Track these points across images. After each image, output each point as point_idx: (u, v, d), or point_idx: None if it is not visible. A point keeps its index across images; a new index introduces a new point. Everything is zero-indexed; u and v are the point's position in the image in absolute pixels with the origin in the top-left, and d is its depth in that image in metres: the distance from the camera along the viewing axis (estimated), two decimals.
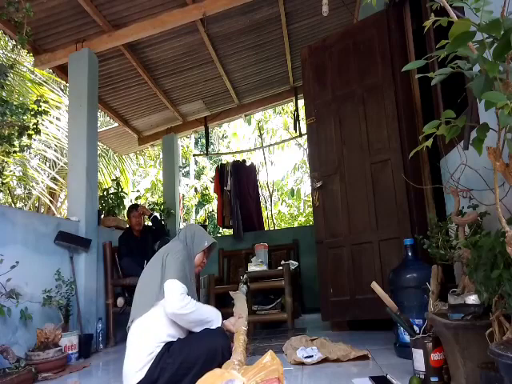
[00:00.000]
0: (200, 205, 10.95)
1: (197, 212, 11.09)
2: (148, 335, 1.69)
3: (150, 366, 1.64)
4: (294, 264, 3.68)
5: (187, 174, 11.57)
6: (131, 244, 3.96)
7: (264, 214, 8.06)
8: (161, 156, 7.62)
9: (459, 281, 1.76)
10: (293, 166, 10.16)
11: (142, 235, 4.13)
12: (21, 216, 3.00)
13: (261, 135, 9.86)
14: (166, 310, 1.69)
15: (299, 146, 10.15)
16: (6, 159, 5.04)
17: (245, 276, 3.44)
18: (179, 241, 2.01)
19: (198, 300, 2.10)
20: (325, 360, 2.23)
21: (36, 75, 6.19)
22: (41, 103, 3.19)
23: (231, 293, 2.57)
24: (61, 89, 6.72)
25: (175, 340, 1.73)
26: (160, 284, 1.75)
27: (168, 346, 1.69)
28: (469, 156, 1.62)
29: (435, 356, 1.63)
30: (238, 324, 1.96)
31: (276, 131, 9.97)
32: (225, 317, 1.96)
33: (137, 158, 9.17)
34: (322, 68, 3.52)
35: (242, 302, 2.32)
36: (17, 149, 3.29)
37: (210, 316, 1.83)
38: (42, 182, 7.02)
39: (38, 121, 3.15)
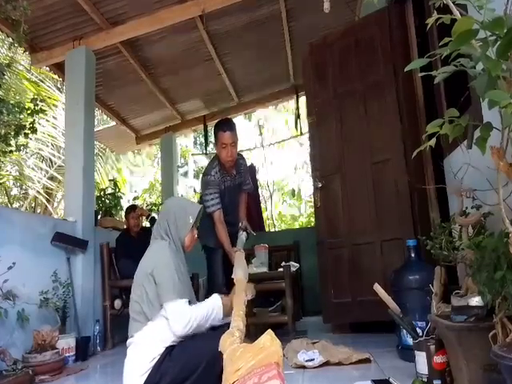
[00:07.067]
0: None
1: None
2: (152, 341, 1.65)
3: (151, 370, 1.61)
4: (294, 266, 3.61)
5: (186, 174, 11.53)
6: (129, 245, 3.92)
7: (264, 215, 8.02)
8: (159, 155, 7.59)
9: (462, 282, 1.74)
10: (294, 165, 10.14)
11: (139, 236, 4.08)
12: (17, 216, 2.98)
13: (261, 134, 9.83)
14: (171, 330, 1.64)
15: (300, 144, 10.12)
16: (2, 159, 5.01)
17: (244, 222, 2.97)
18: (160, 238, 1.81)
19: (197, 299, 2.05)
20: (326, 363, 2.20)
21: (32, 74, 6.14)
22: (37, 102, 3.17)
23: (234, 249, 2.50)
24: (57, 87, 6.68)
25: (176, 344, 1.70)
26: (158, 303, 1.67)
27: (170, 349, 1.65)
28: (472, 155, 1.59)
29: (438, 359, 1.61)
30: (238, 274, 1.81)
31: (276, 130, 9.94)
32: None
33: (134, 157, 9.14)
34: (323, 66, 3.48)
35: (242, 261, 2.14)
36: (13, 148, 3.27)
37: (210, 310, 1.72)
38: (39, 182, 6.97)
39: (34, 120, 3.13)
